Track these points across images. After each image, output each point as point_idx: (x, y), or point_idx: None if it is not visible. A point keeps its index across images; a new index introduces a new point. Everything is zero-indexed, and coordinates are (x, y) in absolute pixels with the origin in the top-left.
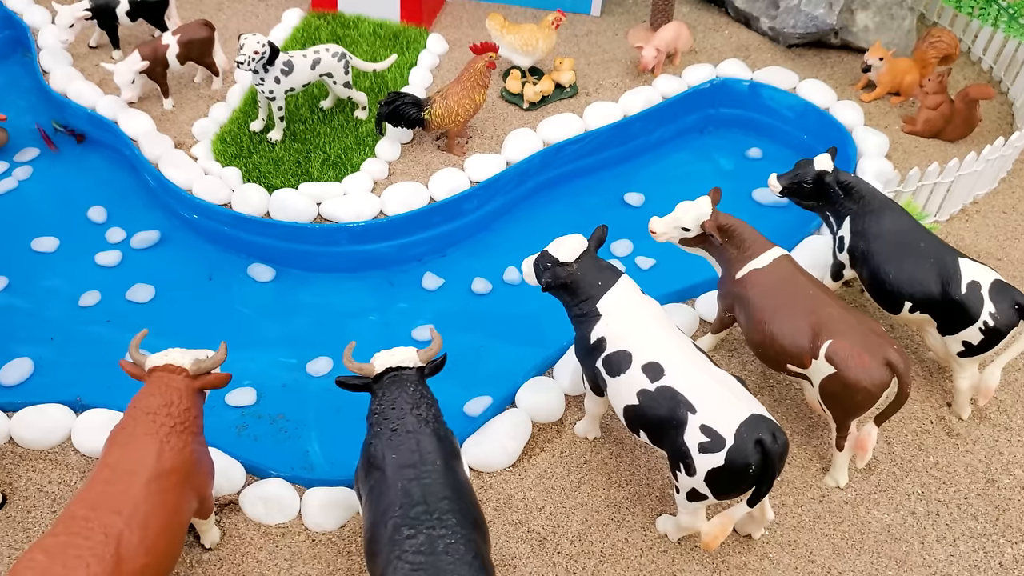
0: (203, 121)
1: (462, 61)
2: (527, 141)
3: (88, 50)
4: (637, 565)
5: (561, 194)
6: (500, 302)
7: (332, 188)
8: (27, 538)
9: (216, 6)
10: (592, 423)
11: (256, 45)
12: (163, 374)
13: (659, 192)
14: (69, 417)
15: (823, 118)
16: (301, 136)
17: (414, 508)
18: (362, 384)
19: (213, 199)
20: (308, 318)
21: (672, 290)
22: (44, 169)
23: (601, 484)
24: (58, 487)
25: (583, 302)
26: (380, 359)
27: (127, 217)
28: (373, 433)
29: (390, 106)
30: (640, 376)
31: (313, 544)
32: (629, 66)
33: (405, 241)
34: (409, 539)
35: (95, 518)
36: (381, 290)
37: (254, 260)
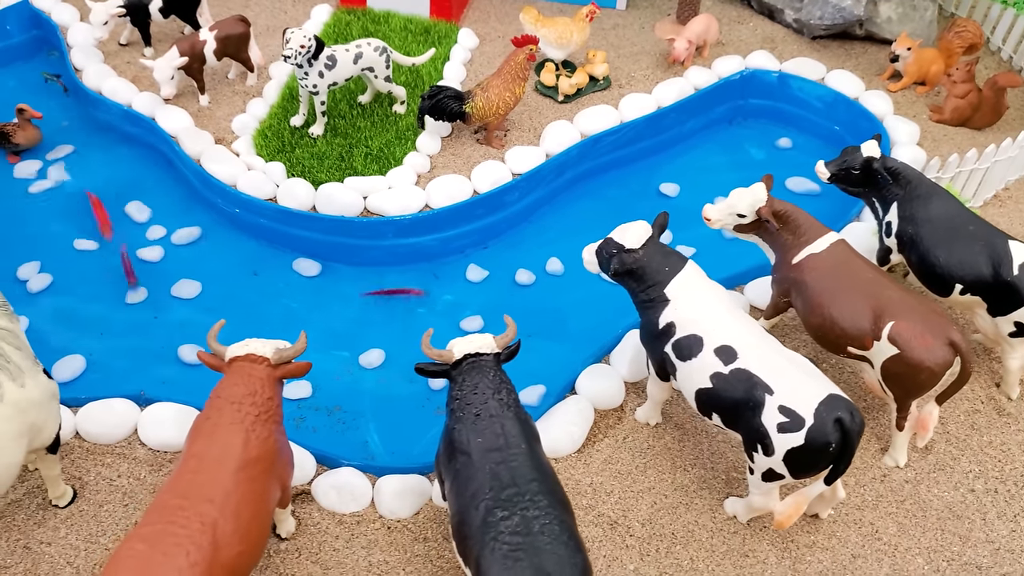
0: (242, 117)
1: (493, 55)
2: (565, 133)
3: (119, 47)
4: (709, 546)
5: (597, 185)
6: (544, 293)
7: (377, 182)
8: (101, 531)
9: (243, 2)
10: (654, 408)
11: (302, 39)
12: (245, 364)
13: (693, 182)
14: (134, 411)
15: (853, 108)
16: (342, 131)
17: (505, 491)
18: (441, 371)
19: (258, 194)
20: (356, 311)
21: (714, 279)
22: (78, 167)
23: (666, 468)
24: (127, 481)
25: (650, 288)
26: (458, 346)
27: (166, 214)
28: (455, 419)
29: (433, 100)
30: (713, 359)
31: (388, 531)
32: (658, 58)
33: (449, 234)
34: (504, 520)
35: (189, 507)
36: (426, 283)
37: (299, 255)
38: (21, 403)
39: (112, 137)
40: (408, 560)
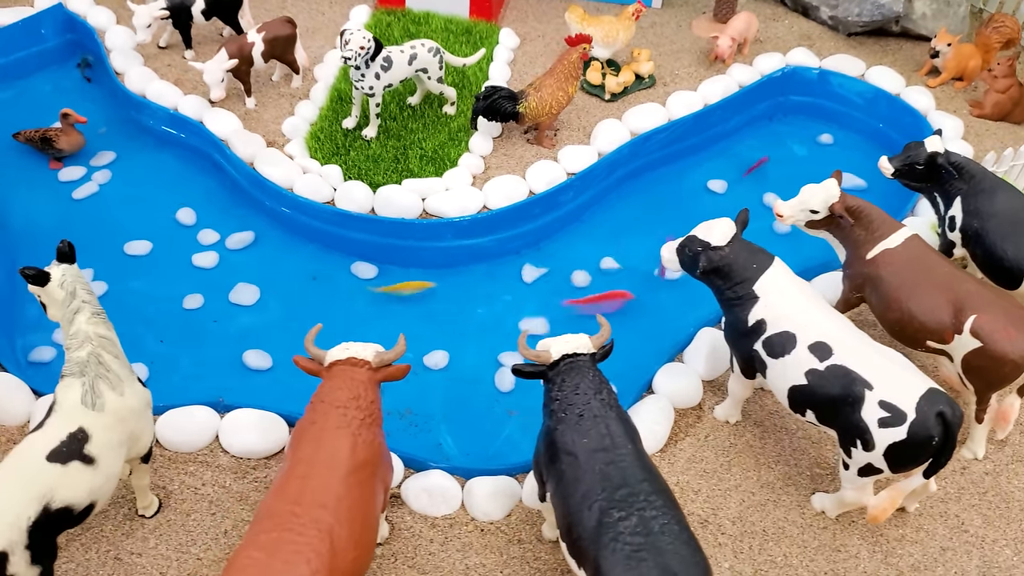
0: (292, 119)
1: (535, 55)
2: (615, 132)
3: (158, 50)
4: (800, 542)
5: (645, 183)
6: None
7: (434, 184)
8: (190, 541)
9: (280, 4)
10: (735, 406)
11: (362, 40)
12: (346, 368)
13: (739, 179)
14: (214, 418)
15: (895, 103)
16: (395, 133)
17: (618, 491)
18: (537, 372)
19: (316, 197)
20: (416, 314)
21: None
22: (122, 172)
23: (751, 466)
24: (212, 489)
25: (737, 285)
26: (555, 346)
27: (217, 218)
28: (557, 419)
29: (487, 100)
30: (807, 356)
31: (482, 534)
32: (699, 56)
33: (506, 234)
34: (622, 521)
35: (303, 513)
36: (484, 283)
37: (356, 258)
38: (121, 412)
39: (154, 141)
40: (505, 563)
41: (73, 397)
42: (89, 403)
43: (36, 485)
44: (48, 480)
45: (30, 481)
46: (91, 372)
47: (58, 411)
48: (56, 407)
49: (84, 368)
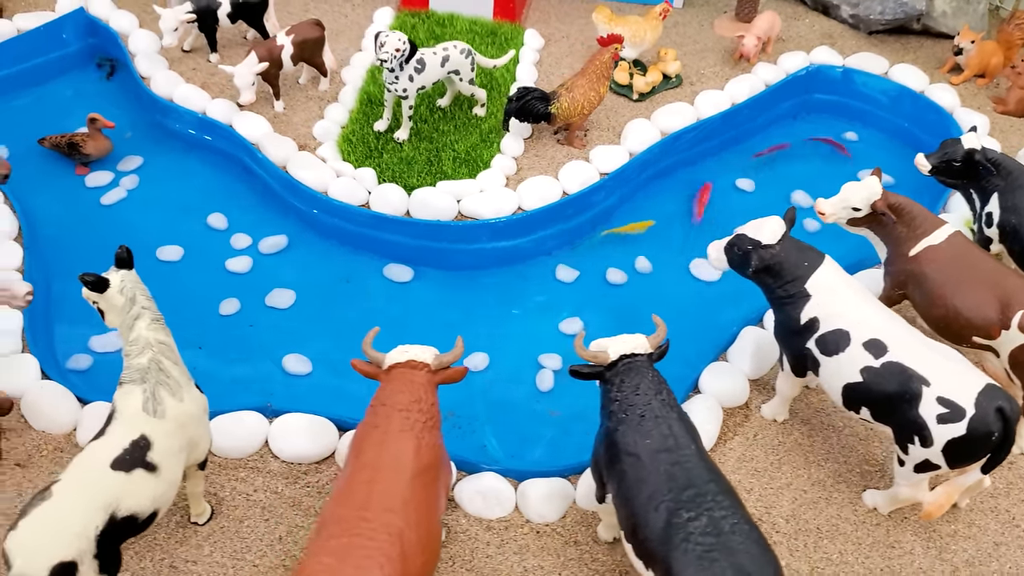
0: (323, 123)
1: (560, 55)
2: (646, 131)
3: (182, 54)
4: (855, 539)
5: (674, 182)
6: (637, 291)
7: (468, 185)
8: (245, 548)
9: (302, 7)
10: (783, 404)
11: (397, 43)
12: (405, 370)
13: (767, 177)
14: (263, 423)
15: (919, 101)
16: (426, 135)
17: (685, 492)
18: (595, 373)
19: (351, 200)
20: (453, 316)
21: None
22: (150, 177)
23: (800, 464)
24: (265, 495)
25: (789, 283)
26: (613, 346)
27: (248, 222)
28: (617, 420)
29: (520, 101)
30: (862, 354)
31: (538, 536)
32: (723, 55)
33: (540, 235)
34: (692, 522)
35: (373, 518)
36: (517, 284)
37: (390, 260)
38: (181, 418)
39: (181, 145)
40: (563, 564)
41: (134, 404)
42: (151, 410)
43: (102, 494)
44: (113, 489)
45: (96, 490)
46: (152, 379)
47: (119, 419)
48: (117, 415)
49: (145, 375)
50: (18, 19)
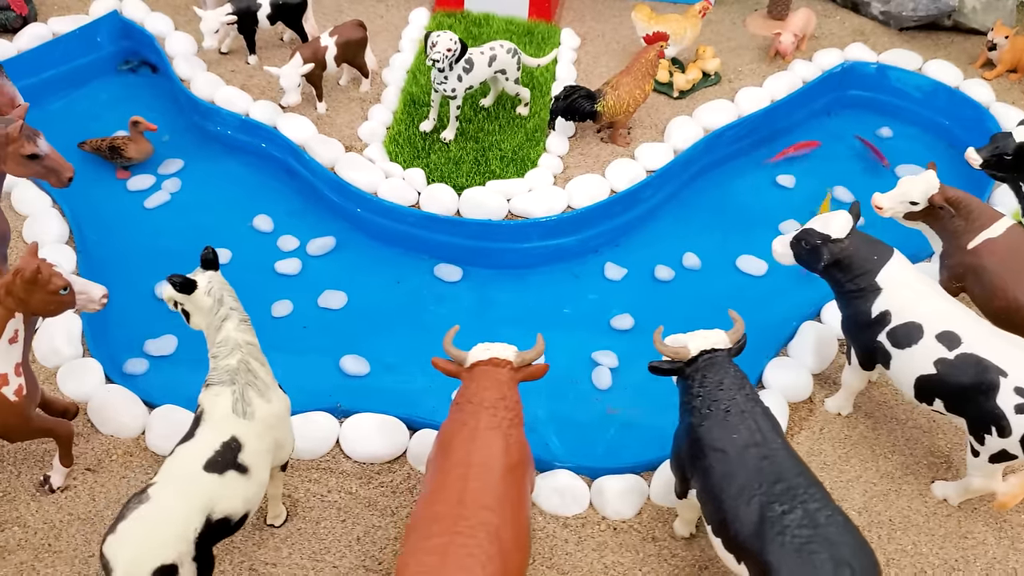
0: (368, 124)
1: (598, 54)
2: (689, 128)
3: (219, 56)
4: (927, 530)
5: (717, 179)
6: (686, 287)
7: (517, 185)
8: (324, 549)
9: (336, 8)
10: (848, 398)
11: (449, 42)
12: (488, 368)
13: (807, 172)
14: (334, 424)
15: (955, 96)
16: (472, 135)
17: (776, 485)
18: (675, 368)
19: (401, 201)
20: (505, 315)
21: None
22: (192, 180)
23: (868, 457)
24: (339, 495)
25: (859, 277)
26: (693, 342)
27: (295, 224)
28: (702, 416)
29: (567, 100)
30: (936, 346)
31: (616, 533)
32: (758, 52)
33: (588, 233)
34: (786, 515)
35: (470, 516)
36: (567, 283)
37: (439, 260)
38: (269, 419)
39: (221, 148)
40: (642, 560)
41: (224, 406)
42: (240, 411)
43: (198, 496)
44: (208, 491)
45: (192, 492)
46: (241, 380)
47: (208, 420)
48: (206, 416)
49: (234, 376)
50: (53, 22)
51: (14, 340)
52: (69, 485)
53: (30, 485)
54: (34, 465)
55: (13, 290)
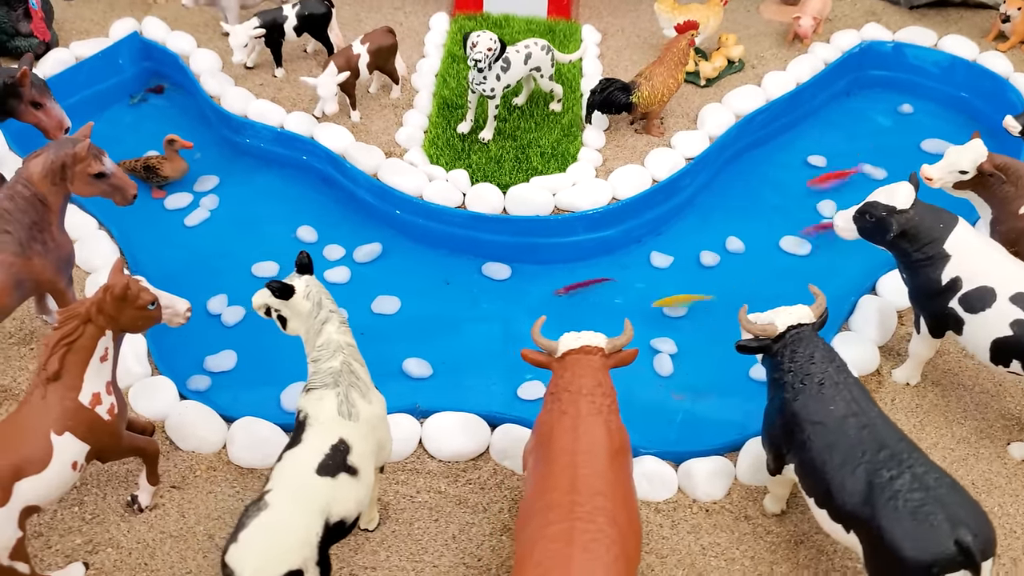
0: (405, 129)
1: (620, 48)
2: (721, 115)
3: (245, 71)
4: (1010, 492)
5: (749, 163)
6: (732, 271)
7: (560, 180)
8: (421, 549)
9: (354, 17)
10: (916, 368)
11: (489, 42)
12: (581, 356)
13: (836, 152)
14: (415, 425)
15: (973, 69)
16: (509, 133)
17: (880, 452)
18: (762, 346)
19: (447, 202)
20: (558, 309)
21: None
22: (230, 195)
23: (942, 424)
24: (429, 495)
25: (927, 245)
26: (779, 318)
27: (338, 233)
28: (795, 391)
29: (604, 93)
30: (1011, 308)
31: (708, 514)
32: (776, 38)
33: (632, 224)
34: (895, 480)
35: (585, 502)
36: (615, 273)
37: (486, 259)
38: (372, 420)
39: (255, 162)
40: (738, 540)
41: (329, 409)
42: (345, 413)
43: (315, 500)
44: (324, 494)
45: (309, 497)
46: (344, 382)
47: (314, 424)
48: (311, 420)
49: (338, 378)
50: (75, 47)
51: (105, 358)
52: (157, 504)
53: (118, 506)
54: (118, 486)
55: (104, 307)
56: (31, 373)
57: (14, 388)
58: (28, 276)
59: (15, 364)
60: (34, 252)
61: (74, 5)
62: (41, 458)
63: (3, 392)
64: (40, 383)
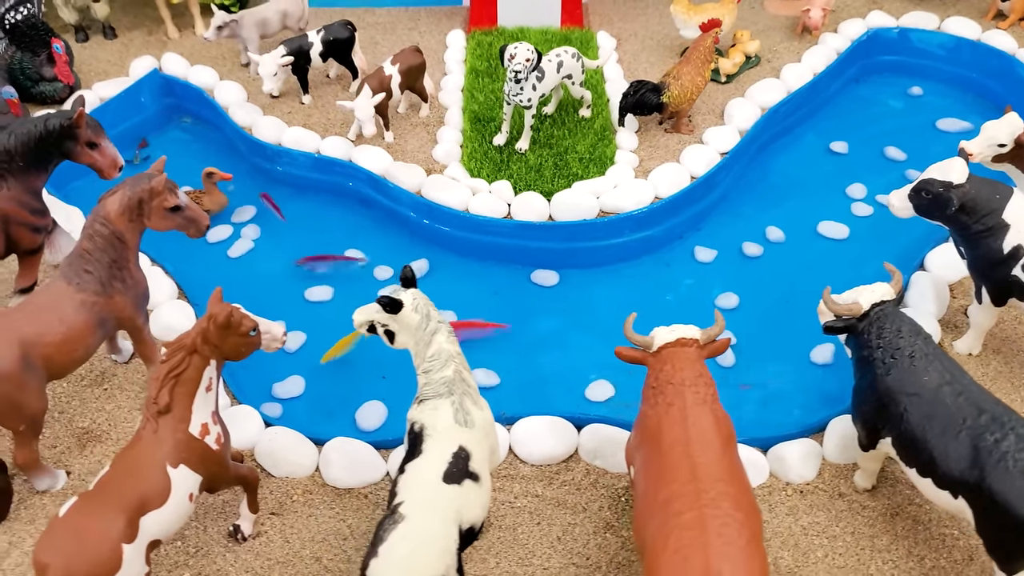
0: (442, 146)
1: (637, 52)
2: (747, 109)
3: (271, 100)
4: None
5: (774, 152)
6: (776, 260)
7: (602, 183)
8: (529, 553)
9: (370, 40)
10: (978, 338)
11: (527, 53)
12: (678, 349)
13: (856, 138)
14: (503, 431)
15: (979, 48)
16: (544, 142)
17: (980, 417)
18: (849, 325)
19: (493, 213)
20: (612, 310)
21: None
22: (270, 224)
23: (1010, 389)
24: (527, 500)
25: (986, 216)
26: (863, 296)
27: (384, 253)
28: (887, 366)
29: (636, 95)
30: None
31: (803, 495)
32: (785, 31)
33: (675, 221)
34: (1001, 442)
35: (707, 489)
36: (661, 271)
37: (534, 267)
38: (485, 426)
39: (290, 189)
40: (836, 517)
41: (445, 417)
42: (462, 421)
43: (448, 508)
44: (454, 502)
45: (441, 506)
46: (458, 390)
47: (432, 434)
48: (428, 431)
49: (451, 387)
50: (97, 88)
51: (209, 388)
52: (259, 531)
53: (220, 537)
54: (216, 518)
55: (209, 337)
56: (108, 413)
57: (95, 429)
58: (110, 314)
59: (92, 405)
60: (115, 290)
61: (88, 47)
62: (161, 492)
63: (85, 434)
64: (151, 417)
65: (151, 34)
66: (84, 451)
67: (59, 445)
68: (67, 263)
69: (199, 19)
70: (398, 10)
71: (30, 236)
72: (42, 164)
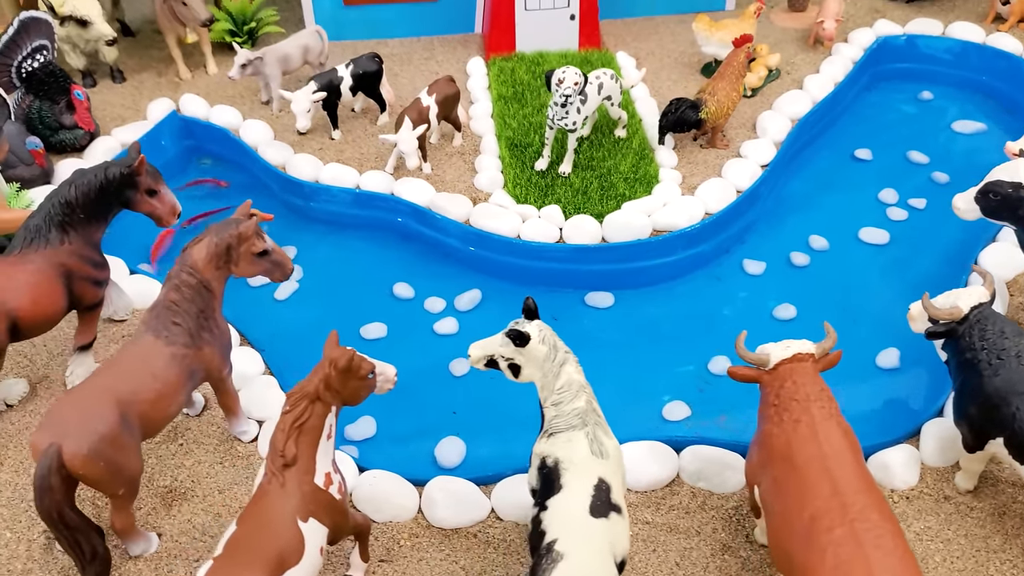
0: (484, 174)
1: (658, 70)
2: (778, 121)
3: (300, 137)
4: None
5: (804, 161)
6: (824, 269)
7: (650, 202)
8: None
9: (388, 71)
10: None
11: (576, 76)
12: (796, 364)
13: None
14: None
15: (985, 51)
16: (584, 164)
17: None
18: (949, 329)
19: (545, 238)
20: (670, 327)
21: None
22: (312, 263)
23: None
24: (638, 527)
25: None
26: (962, 299)
27: (434, 285)
28: (993, 367)
29: (677, 113)
30: None
31: (909, 501)
32: (798, 44)
33: (724, 235)
34: None
35: (852, 502)
36: (713, 286)
37: (588, 290)
38: (616, 456)
39: (327, 227)
40: (945, 521)
41: (581, 450)
42: (598, 452)
43: (602, 543)
44: (605, 536)
45: (596, 541)
46: (591, 421)
47: (570, 468)
48: (564, 464)
49: (585, 418)
50: (117, 133)
51: (330, 436)
52: None
53: None
54: (325, 570)
55: (331, 383)
56: (188, 470)
57: (178, 487)
58: (199, 367)
59: (170, 463)
60: (204, 341)
61: (98, 91)
62: (296, 548)
63: (169, 493)
64: (276, 471)
65: (161, 75)
66: (171, 511)
67: (144, 506)
68: (153, 315)
69: (211, 58)
70: (411, 40)
71: (93, 290)
72: (102, 215)
